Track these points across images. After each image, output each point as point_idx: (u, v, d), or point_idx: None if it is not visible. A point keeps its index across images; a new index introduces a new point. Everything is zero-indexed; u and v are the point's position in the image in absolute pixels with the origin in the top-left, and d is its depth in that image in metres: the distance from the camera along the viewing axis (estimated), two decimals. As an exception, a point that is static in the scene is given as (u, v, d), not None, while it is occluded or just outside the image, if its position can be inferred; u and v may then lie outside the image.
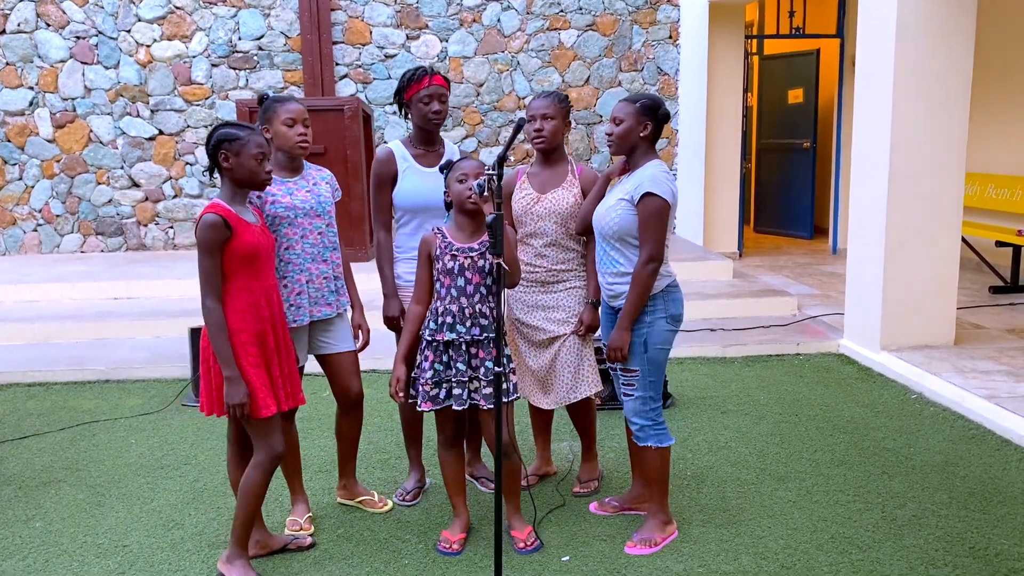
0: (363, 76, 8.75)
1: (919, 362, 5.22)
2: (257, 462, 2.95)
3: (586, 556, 3.18)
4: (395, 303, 3.51)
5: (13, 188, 8.66)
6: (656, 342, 3.14)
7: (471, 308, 3.07)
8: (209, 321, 2.80)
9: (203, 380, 2.90)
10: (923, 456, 4.06)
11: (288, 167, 3.26)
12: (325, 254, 3.30)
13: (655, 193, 3.05)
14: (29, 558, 3.23)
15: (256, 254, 2.87)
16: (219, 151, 2.85)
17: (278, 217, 3.16)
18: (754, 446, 4.22)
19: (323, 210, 3.30)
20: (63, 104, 8.58)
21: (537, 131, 3.42)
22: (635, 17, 8.91)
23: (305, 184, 3.29)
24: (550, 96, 3.43)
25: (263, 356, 2.90)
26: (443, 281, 3.10)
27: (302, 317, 3.23)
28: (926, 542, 3.22)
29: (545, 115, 3.40)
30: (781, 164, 10.67)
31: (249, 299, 2.87)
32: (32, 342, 6.21)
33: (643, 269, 3.07)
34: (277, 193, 3.18)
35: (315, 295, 3.27)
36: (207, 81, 8.64)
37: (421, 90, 3.43)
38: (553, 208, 3.41)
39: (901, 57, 5.20)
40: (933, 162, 5.33)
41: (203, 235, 2.78)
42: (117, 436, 4.52)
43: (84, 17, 8.48)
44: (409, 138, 3.59)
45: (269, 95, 3.25)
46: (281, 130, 3.18)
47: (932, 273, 5.46)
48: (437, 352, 3.10)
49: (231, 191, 2.90)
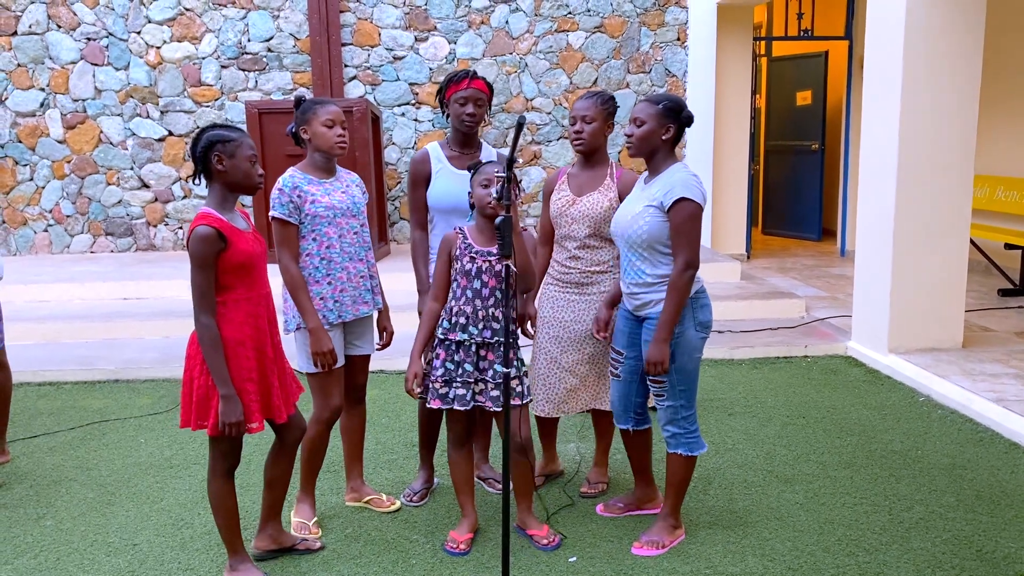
0: (372, 78, 8.77)
1: (927, 365, 5.21)
2: (213, 471, 2.90)
3: (593, 557, 3.19)
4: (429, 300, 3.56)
5: (24, 189, 8.72)
6: (686, 350, 3.08)
7: (484, 311, 3.09)
8: (204, 338, 2.72)
9: (184, 391, 2.82)
10: (931, 459, 4.05)
11: (324, 168, 3.32)
12: (361, 253, 3.36)
13: (689, 198, 2.98)
14: (40, 556, 3.25)
15: (252, 262, 2.81)
16: (212, 153, 2.75)
17: (319, 216, 3.22)
18: (761, 448, 4.22)
19: (358, 210, 3.37)
20: (74, 105, 8.63)
21: (576, 133, 3.38)
22: (643, 19, 8.91)
23: (340, 185, 3.35)
24: (593, 97, 3.36)
25: (260, 367, 2.86)
26: (460, 282, 3.12)
27: (344, 315, 3.30)
28: (933, 545, 3.21)
29: (585, 117, 3.35)
30: (789, 166, 10.66)
31: (248, 309, 2.82)
32: (42, 342, 6.25)
33: (681, 277, 2.98)
34: (316, 193, 3.24)
35: (355, 294, 3.33)
36: (216, 82, 8.68)
37: (459, 91, 3.48)
38: (587, 212, 3.39)
39: (909, 58, 5.20)
40: (941, 164, 5.32)
41: (196, 249, 2.69)
42: (127, 435, 4.55)
43: (95, 19, 8.53)
44: (447, 140, 3.63)
45: (306, 97, 3.30)
46: (320, 131, 3.24)
47: (940, 275, 5.45)
48: (449, 351, 3.12)
49: (221, 196, 2.80)
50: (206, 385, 2.78)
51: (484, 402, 3.13)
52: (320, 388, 3.32)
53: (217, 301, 2.77)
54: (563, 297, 3.50)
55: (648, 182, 3.16)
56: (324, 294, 3.27)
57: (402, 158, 8.86)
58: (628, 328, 3.27)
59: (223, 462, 2.91)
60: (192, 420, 2.80)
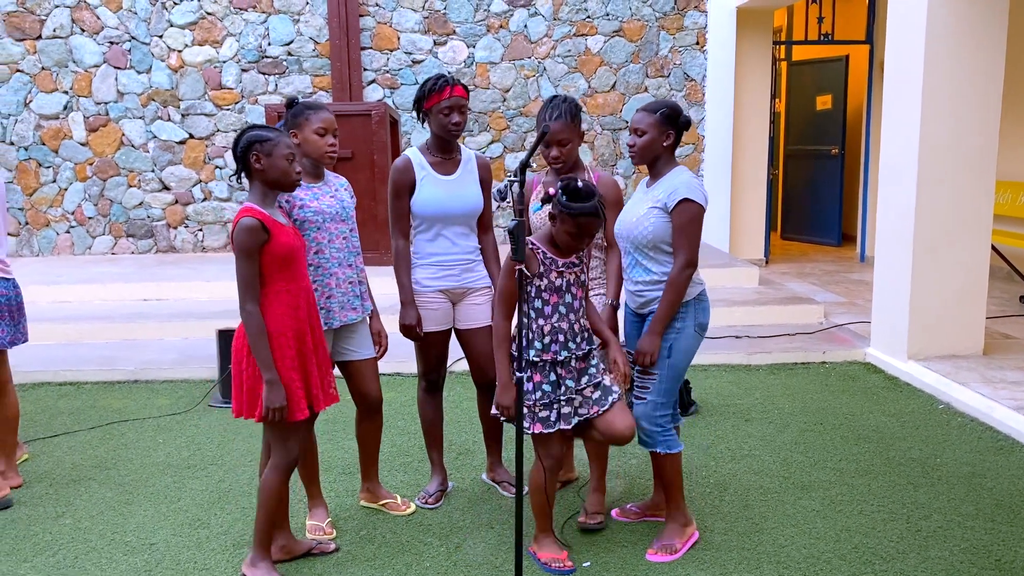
0: (391, 81, 8.81)
1: (947, 372, 5.16)
2: (274, 465, 2.99)
3: (607, 562, 3.18)
4: (412, 311, 3.53)
5: (47, 190, 8.82)
6: (682, 349, 3.14)
7: (579, 323, 3.04)
8: (249, 325, 2.83)
9: (235, 382, 2.93)
10: (949, 467, 4.01)
11: (312, 173, 3.30)
12: (350, 259, 3.34)
13: (691, 199, 3.05)
14: (59, 554, 3.28)
15: (292, 255, 2.91)
16: (250, 153, 2.87)
17: (307, 221, 3.19)
18: (778, 454, 4.20)
19: (347, 215, 3.34)
20: (96, 108, 8.72)
21: (555, 159, 3.36)
22: (662, 23, 8.90)
23: (328, 190, 3.33)
24: (563, 117, 3.30)
25: (301, 357, 2.94)
26: (548, 299, 3.00)
27: (331, 321, 3.27)
28: (951, 554, 3.18)
29: (561, 140, 3.33)
30: (809, 171, 10.59)
31: (288, 301, 2.90)
32: (64, 342, 6.31)
33: (680, 274, 3.06)
34: (305, 198, 3.22)
35: (343, 299, 3.30)
36: (237, 86, 8.74)
37: (442, 101, 3.42)
38: None
39: (931, 62, 5.16)
40: (963, 169, 5.27)
41: (241, 239, 2.80)
42: (145, 435, 4.59)
43: (118, 23, 8.62)
44: (427, 145, 3.59)
45: (299, 100, 3.29)
46: (312, 138, 3.21)
47: (961, 281, 5.40)
48: (544, 372, 3.01)
49: (261, 193, 2.92)
50: (254, 376, 2.87)
51: (587, 412, 3.05)
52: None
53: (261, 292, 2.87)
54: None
55: (651, 186, 3.22)
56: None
57: (420, 161, 8.87)
58: (636, 330, 3.33)
59: (285, 454, 2.98)
60: (244, 409, 2.92)
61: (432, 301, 3.58)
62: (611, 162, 9.08)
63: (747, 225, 9.26)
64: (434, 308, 3.58)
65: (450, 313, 3.63)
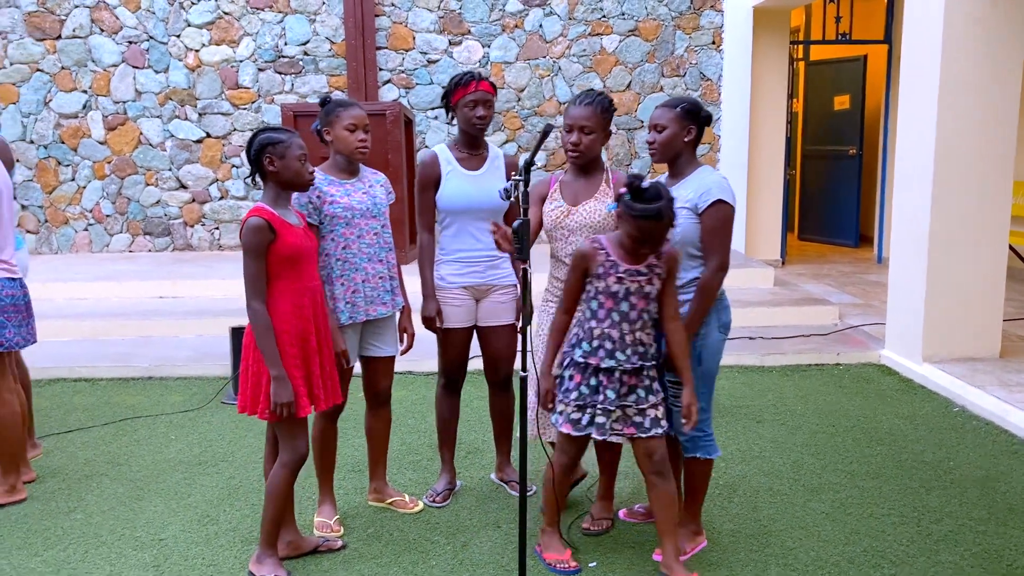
0: (406, 81, 8.83)
1: (962, 374, 5.11)
2: (283, 462, 3.01)
3: (613, 562, 3.17)
4: (433, 304, 3.56)
5: (66, 188, 8.90)
6: (711, 352, 3.08)
7: (632, 335, 2.85)
8: (255, 322, 2.86)
9: (242, 379, 2.96)
10: (963, 470, 3.97)
11: (346, 169, 3.35)
12: (381, 254, 3.37)
13: (725, 200, 2.97)
14: (69, 549, 3.31)
15: (299, 255, 2.93)
16: (264, 155, 2.90)
17: (336, 217, 3.24)
18: (788, 456, 4.17)
19: (378, 211, 3.37)
20: (115, 107, 8.80)
21: (574, 145, 3.14)
22: (678, 22, 8.87)
23: (361, 186, 3.36)
24: (592, 103, 3.12)
25: (304, 357, 2.96)
26: (603, 302, 2.87)
27: (357, 315, 3.31)
28: (962, 559, 3.15)
29: (584, 127, 3.12)
30: (826, 171, 10.52)
31: (293, 300, 2.92)
32: (80, 338, 6.37)
33: (713, 278, 2.98)
34: (335, 194, 3.26)
35: (371, 294, 3.34)
36: (254, 85, 8.79)
37: (467, 95, 3.46)
38: (584, 221, 3.17)
39: (947, 61, 5.11)
40: (979, 169, 5.22)
41: (248, 238, 2.85)
42: (158, 432, 4.63)
43: (136, 23, 8.69)
44: (454, 142, 3.62)
45: (331, 98, 3.32)
46: (342, 135, 3.26)
47: (977, 283, 5.35)
48: (586, 374, 2.90)
49: (274, 194, 2.95)
50: (259, 373, 2.90)
51: (622, 429, 2.91)
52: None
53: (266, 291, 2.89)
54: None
55: (672, 185, 3.12)
56: (338, 294, 3.28)
57: (435, 161, 8.89)
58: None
59: (294, 454, 2.99)
60: (248, 405, 2.94)
61: (455, 297, 3.58)
62: (626, 162, 9.06)
63: (763, 226, 9.21)
64: (457, 305, 3.59)
65: (473, 310, 3.63)
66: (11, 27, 8.64)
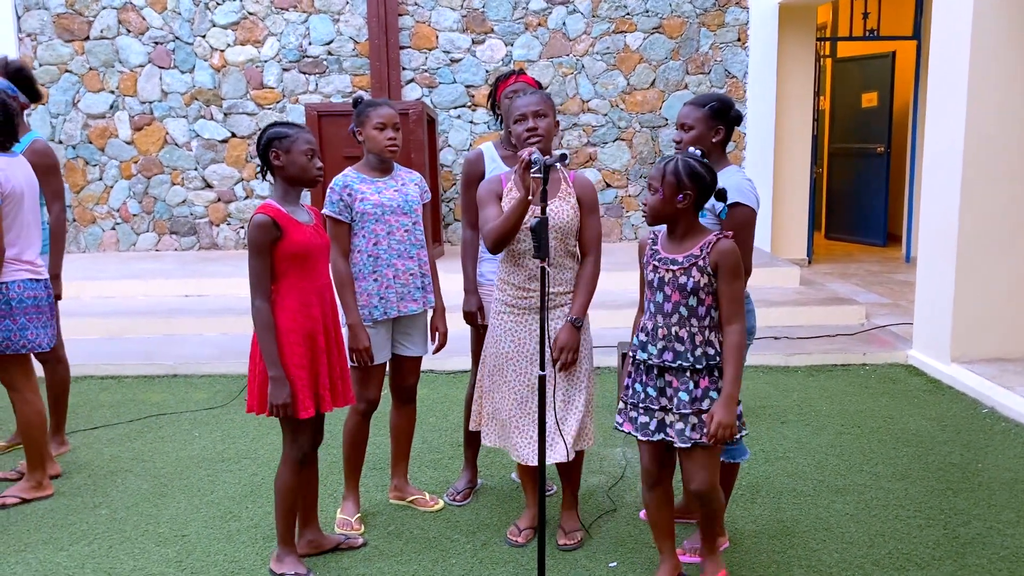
0: (429, 80, 8.84)
1: (992, 375, 5.03)
2: (284, 459, 3.02)
3: (634, 563, 3.15)
4: (474, 299, 3.56)
5: (93, 188, 9.00)
6: None
7: (665, 329, 2.69)
8: (257, 320, 2.86)
9: (250, 379, 2.97)
10: (991, 472, 3.90)
11: (378, 168, 3.39)
12: (412, 251, 3.39)
13: (744, 203, 2.92)
14: (94, 544, 3.35)
15: (307, 253, 2.91)
16: (270, 150, 2.90)
17: (366, 214, 3.29)
18: (813, 457, 4.12)
19: (410, 208, 3.39)
20: (141, 107, 8.89)
21: (531, 130, 3.04)
22: (703, 19, 8.80)
23: (394, 184, 3.39)
24: (537, 93, 3.10)
25: (311, 356, 2.94)
26: (647, 292, 2.79)
27: (389, 311, 3.34)
28: (989, 562, 3.09)
29: (538, 112, 3.06)
30: (854, 169, 10.40)
31: (300, 298, 2.91)
32: (106, 336, 6.44)
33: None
34: (367, 191, 3.31)
35: (402, 291, 3.36)
36: (278, 85, 8.84)
37: (507, 87, 3.50)
38: (552, 223, 3.02)
39: (976, 58, 5.03)
40: (1009, 167, 5.13)
41: (252, 235, 2.84)
42: (182, 429, 4.66)
43: (162, 23, 8.77)
44: (501, 140, 3.61)
45: (363, 98, 3.36)
46: (372, 134, 3.30)
47: (1007, 282, 5.26)
48: (638, 370, 2.79)
49: (283, 190, 2.95)
50: (265, 372, 2.89)
51: (662, 436, 2.72)
52: (358, 381, 3.38)
53: (272, 289, 2.88)
54: (524, 327, 3.11)
55: None
56: (370, 290, 3.32)
57: (457, 160, 8.90)
58: None
59: (294, 449, 3.00)
60: (256, 404, 2.94)
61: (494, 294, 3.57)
62: (650, 160, 9.00)
63: (790, 224, 9.12)
64: None
65: None
66: (40, 28, 8.75)
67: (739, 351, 2.64)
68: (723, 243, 2.65)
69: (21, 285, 3.64)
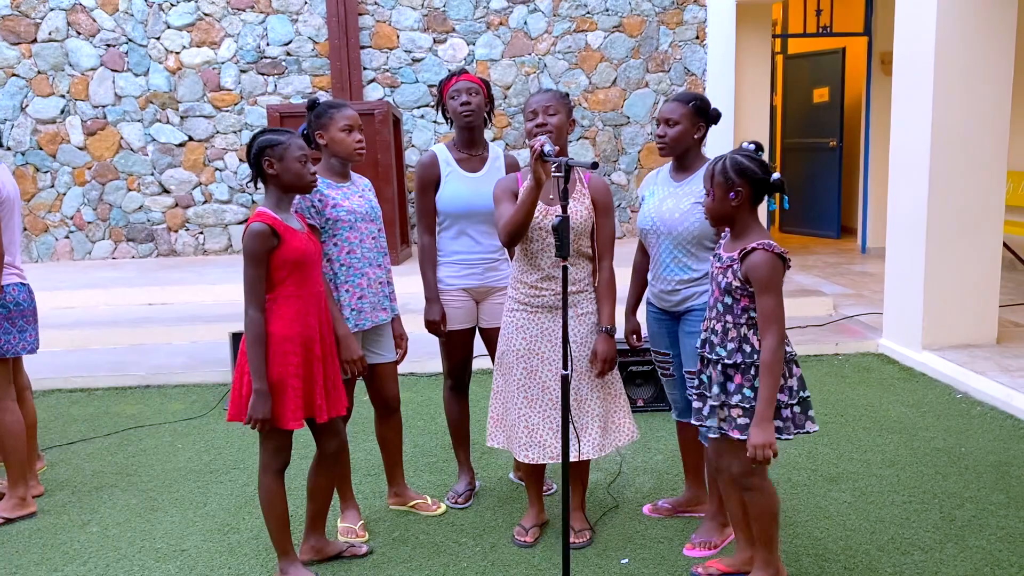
0: (391, 80, 8.77)
1: (963, 361, 5.18)
2: (263, 467, 2.93)
3: (645, 559, 3.16)
4: (437, 307, 3.52)
5: (45, 195, 8.73)
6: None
7: (708, 322, 2.75)
8: (250, 330, 2.77)
9: (235, 386, 2.87)
10: (975, 456, 4.02)
11: (340, 172, 3.27)
12: (379, 259, 3.31)
13: None
14: (89, 563, 3.24)
15: (304, 261, 2.85)
16: (262, 158, 2.83)
17: (340, 221, 3.16)
18: (803, 447, 4.19)
19: (376, 215, 3.32)
20: (94, 112, 8.65)
21: (540, 125, 3.05)
22: (662, 18, 8.89)
23: (356, 190, 3.30)
24: (551, 91, 3.14)
25: (307, 365, 2.87)
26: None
27: (363, 322, 3.24)
28: (989, 543, 3.18)
29: (548, 109, 3.06)
30: (807, 163, 10.61)
31: (298, 306, 2.85)
32: (71, 348, 6.25)
33: None
34: (336, 197, 3.19)
35: (374, 300, 3.28)
36: (236, 87, 8.68)
37: (451, 87, 3.46)
38: None
39: (941, 53, 5.16)
40: (975, 159, 5.29)
41: (250, 244, 2.76)
42: (163, 441, 4.55)
43: (114, 25, 8.54)
44: (453, 142, 3.58)
45: (319, 100, 3.25)
46: (339, 136, 3.17)
47: (974, 271, 5.41)
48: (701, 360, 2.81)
49: (276, 197, 2.87)
50: (251, 382, 2.81)
51: (728, 430, 2.67)
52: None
53: (268, 298, 2.81)
54: (536, 325, 3.11)
55: (680, 180, 3.13)
56: (343, 301, 3.20)
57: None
58: (665, 328, 3.23)
59: (272, 460, 2.92)
60: (238, 414, 2.86)
61: (455, 299, 3.55)
62: (613, 158, 9.07)
63: (749, 219, 9.25)
64: (457, 306, 3.55)
65: (474, 311, 3.60)
66: (-15, 31, 8.46)
67: (768, 369, 2.54)
68: (755, 255, 2.58)
69: (16, 289, 3.60)
